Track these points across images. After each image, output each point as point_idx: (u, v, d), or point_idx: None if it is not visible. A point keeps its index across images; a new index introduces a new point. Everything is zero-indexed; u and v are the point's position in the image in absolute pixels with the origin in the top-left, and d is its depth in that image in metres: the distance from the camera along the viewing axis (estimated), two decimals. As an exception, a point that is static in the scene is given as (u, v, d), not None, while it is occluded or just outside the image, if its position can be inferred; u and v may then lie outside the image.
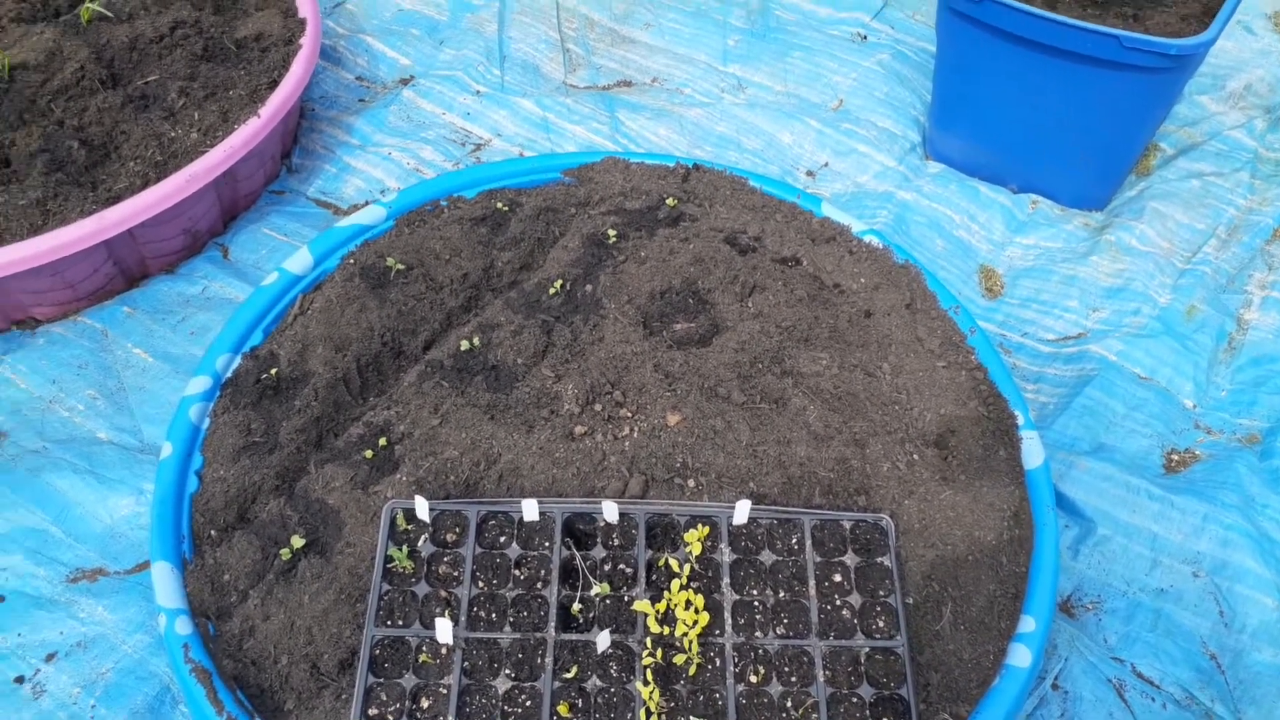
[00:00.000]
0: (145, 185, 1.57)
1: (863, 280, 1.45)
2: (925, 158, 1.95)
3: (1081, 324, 1.63)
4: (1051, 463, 1.34)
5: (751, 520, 1.11)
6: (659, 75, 2.13)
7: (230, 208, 1.77)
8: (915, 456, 1.21)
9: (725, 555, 1.09)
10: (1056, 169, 1.81)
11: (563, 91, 2.07)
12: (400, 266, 1.43)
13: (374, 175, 1.86)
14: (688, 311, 1.40)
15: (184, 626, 1.11)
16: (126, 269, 1.65)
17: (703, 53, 2.17)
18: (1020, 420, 1.30)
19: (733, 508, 1.10)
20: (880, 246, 1.54)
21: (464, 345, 1.34)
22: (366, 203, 1.78)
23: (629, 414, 1.25)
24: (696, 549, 1.06)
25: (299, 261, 1.46)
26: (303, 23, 1.88)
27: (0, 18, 1.76)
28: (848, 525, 1.11)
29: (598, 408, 1.26)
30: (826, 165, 1.92)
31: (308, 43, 1.83)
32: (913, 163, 1.92)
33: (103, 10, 1.77)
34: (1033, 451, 1.26)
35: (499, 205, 1.56)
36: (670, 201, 1.59)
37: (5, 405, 1.47)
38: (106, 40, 1.75)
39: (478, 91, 2.02)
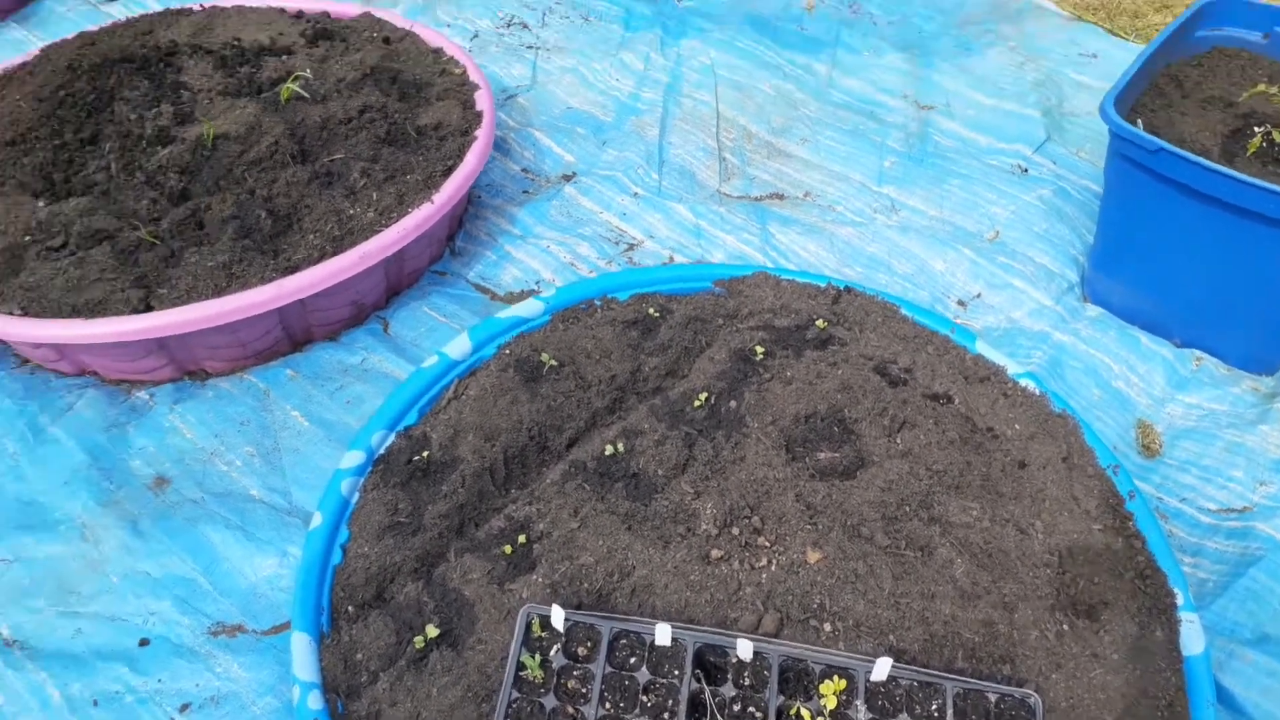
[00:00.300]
0: (322, 258, 1.66)
1: (1018, 427, 1.42)
2: (1083, 299, 1.90)
3: (1247, 497, 1.54)
4: (1211, 650, 1.26)
5: (890, 679, 1.07)
6: (812, 190, 2.15)
7: (395, 284, 1.86)
8: (1065, 627, 1.16)
9: (861, 713, 1.05)
10: (1225, 327, 1.74)
11: (716, 200, 2.11)
12: (553, 363, 1.46)
13: (531, 266, 1.92)
14: (832, 440, 1.38)
15: (315, 701, 1.14)
16: (293, 333, 1.74)
17: (857, 172, 2.19)
18: (1179, 599, 1.23)
19: (872, 662, 1.07)
20: (1036, 392, 1.50)
21: (608, 450, 1.36)
22: (524, 293, 1.84)
23: (767, 543, 1.23)
24: (831, 702, 1.03)
25: (458, 347, 1.52)
26: (479, 115, 1.98)
27: (211, 91, 1.91)
28: (993, 698, 1.06)
29: (735, 532, 1.25)
30: (979, 297, 1.90)
31: (482, 135, 1.93)
32: (1070, 303, 1.88)
33: (301, 91, 1.90)
34: (1192, 637, 1.19)
35: (650, 310, 1.59)
36: (820, 323, 1.59)
37: (172, 452, 1.55)
38: (301, 119, 1.88)
39: (635, 194, 2.08)
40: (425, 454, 1.38)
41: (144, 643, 1.32)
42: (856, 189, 2.15)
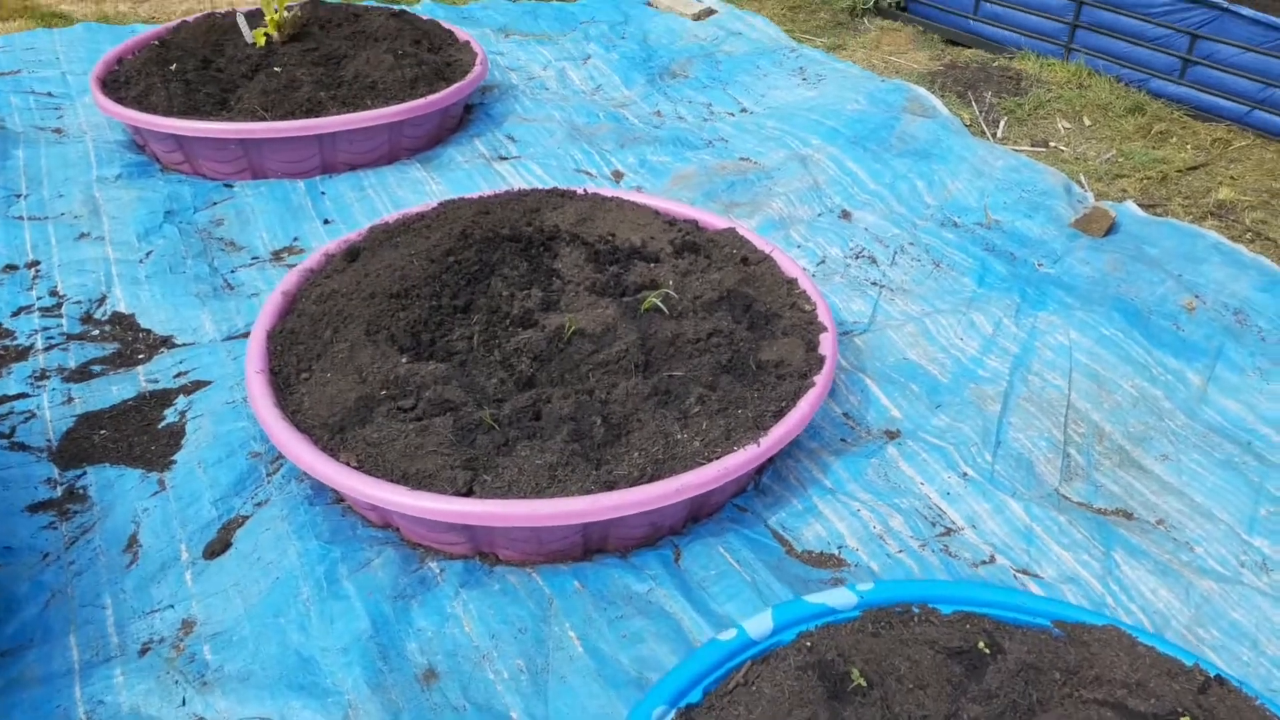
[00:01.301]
0: (641, 478, 1.64)
1: None
2: None
3: None
4: None
5: None
6: (1167, 519, 1.90)
7: (696, 511, 1.80)
8: None
9: None
10: None
11: (1053, 501, 1.91)
12: (861, 682, 1.32)
13: (837, 527, 1.81)
14: None
15: None
16: (589, 541, 1.71)
17: (1225, 511, 1.91)
18: None
19: None
20: None
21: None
22: (824, 556, 1.73)
23: None
24: None
25: (759, 626, 1.41)
26: (821, 361, 1.92)
27: (579, 285, 1.99)
28: None
29: None
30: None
31: (820, 384, 1.86)
32: None
33: (660, 305, 1.93)
34: None
35: (979, 644, 1.41)
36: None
37: (448, 643, 1.54)
38: (654, 331, 1.90)
39: (964, 473, 1.93)
40: (702, 743, 1.27)
41: None
42: (1222, 532, 1.87)
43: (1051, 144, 3.41)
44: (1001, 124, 3.53)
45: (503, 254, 2.06)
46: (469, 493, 1.62)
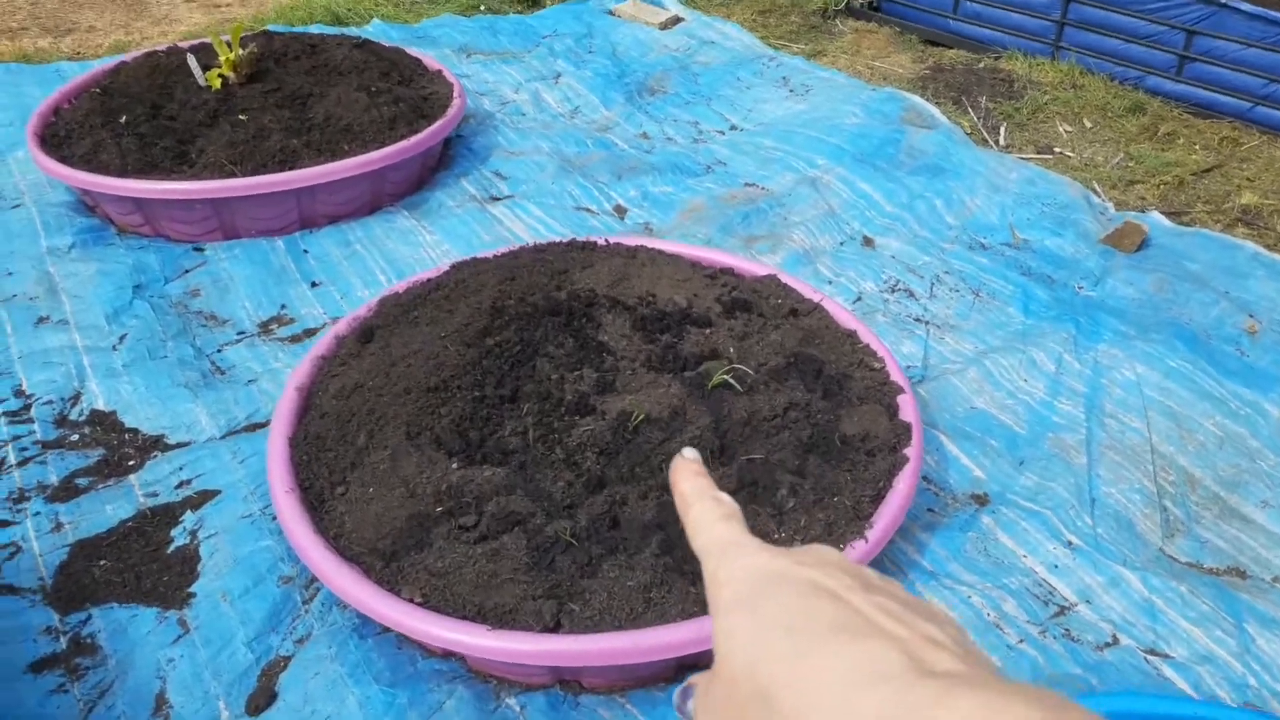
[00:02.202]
0: (745, 593, 1.45)
1: None
2: None
3: None
4: None
5: None
6: (1281, 573, 1.78)
7: (794, 613, 1.62)
8: None
9: None
10: None
11: (1162, 564, 1.78)
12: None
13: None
14: None
15: None
16: (685, 659, 1.53)
17: (1338, 558, 1.81)
18: None
19: None
20: None
21: None
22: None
23: None
24: None
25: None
26: (907, 429, 1.76)
27: (634, 360, 1.79)
28: None
29: None
30: None
31: (913, 456, 1.70)
32: None
33: (730, 381, 1.75)
34: None
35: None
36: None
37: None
38: (727, 410, 1.71)
39: (1069, 542, 1.79)
40: None
41: None
42: (1341, 584, 1.76)
43: (1056, 150, 3.30)
44: (1002, 130, 3.41)
45: (544, 330, 1.84)
46: (557, 626, 1.41)
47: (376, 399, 1.74)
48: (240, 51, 2.81)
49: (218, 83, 2.79)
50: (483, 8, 4.36)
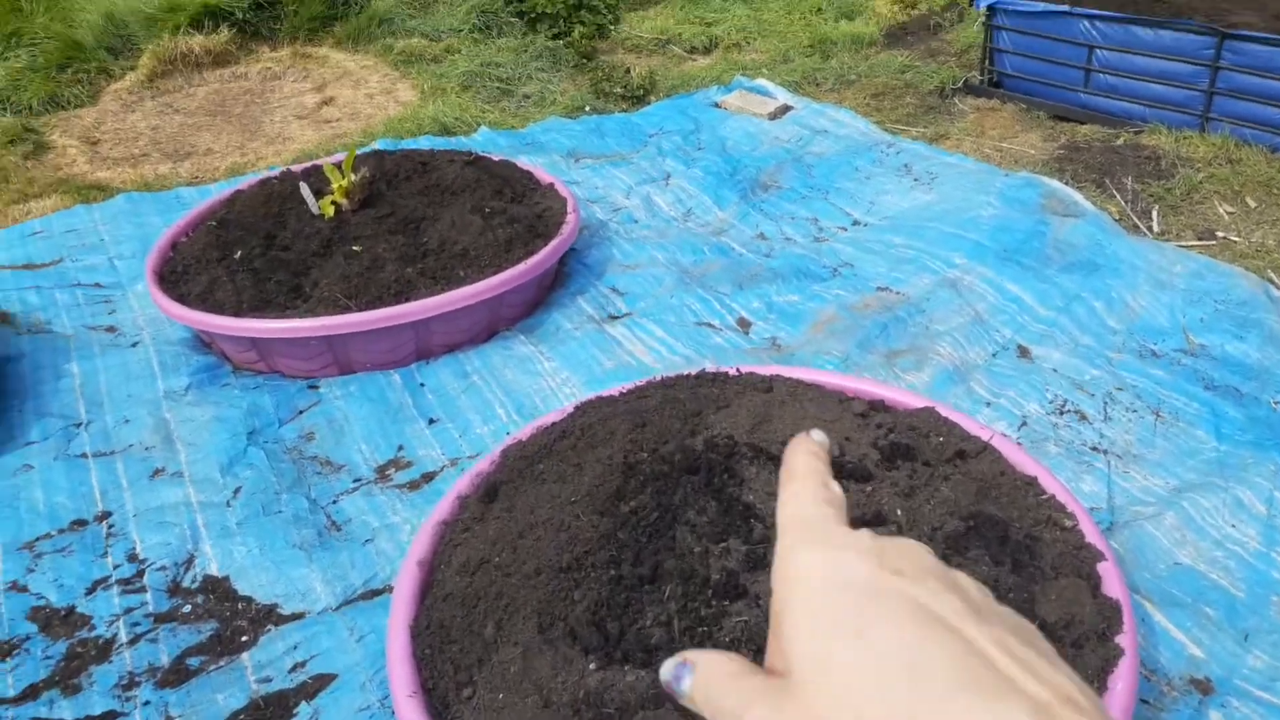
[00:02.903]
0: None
1: None
2: None
3: None
4: None
5: None
6: None
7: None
8: None
9: None
10: None
11: None
12: None
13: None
14: None
15: None
16: None
17: None
18: None
19: None
20: None
21: None
22: None
23: None
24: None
25: None
26: (1116, 610, 1.50)
27: (789, 530, 1.58)
28: None
29: None
30: None
31: (1129, 648, 1.44)
32: None
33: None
34: None
35: None
36: None
37: None
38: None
39: (1325, 743, 1.49)
40: None
41: None
42: None
43: (1219, 234, 3.00)
44: (1155, 215, 3.13)
45: (683, 493, 1.66)
46: None
47: (504, 580, 1.57)
48: (353, 177, 2.76)
49: (330, 210, 2.74)
50: (588, 108, 4.30)
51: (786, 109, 4.15)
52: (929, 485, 1.71)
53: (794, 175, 3.60)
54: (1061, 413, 2.22)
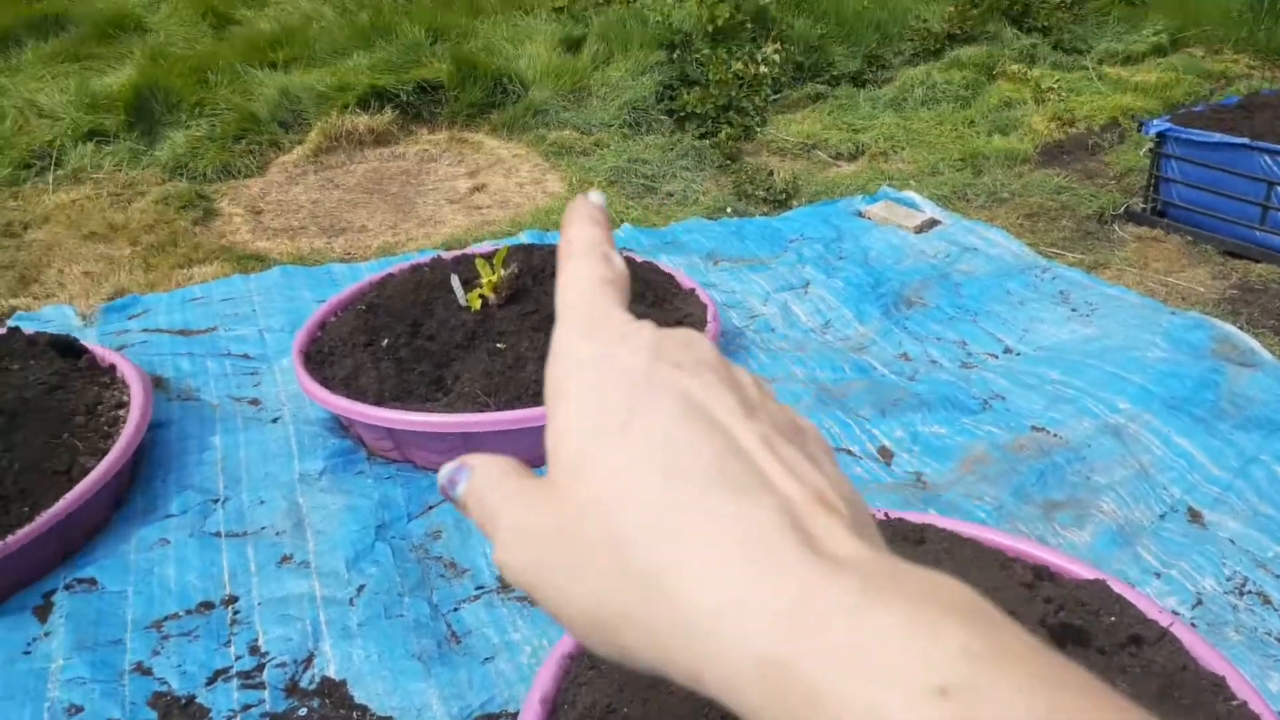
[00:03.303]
0: None
1: None
2: None
3: None
4: None
5: None
6: None
7: None
8: None
9: None
10: None
11: None
12: None
13: None
14: None
15: None
16: None
17: None
18: None
19: None
20: None
21: None
22: None
23: None
24: None
25: None
26: None
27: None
28: None
29: None
30: None
31: None
32: None
33: None
34: None
35: None
36: None
37: None
38: None
39: None
40: None
41: None
42: None
43: None
44: (1345, 370, 2.88)
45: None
46: None
47: (632, 732, 1.48)
48: (502, 272, 2.79)
49: (478, 303, 2.76)
50: (729, 210, 4.30)
51: (934, 223, 4.04)
52: (1104, 678, 1.54)
53: (940, 293, 3.48)
54: (1241, 593, 2.01)
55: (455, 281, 2.83)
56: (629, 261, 3.07)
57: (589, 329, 0.37)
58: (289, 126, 4.97)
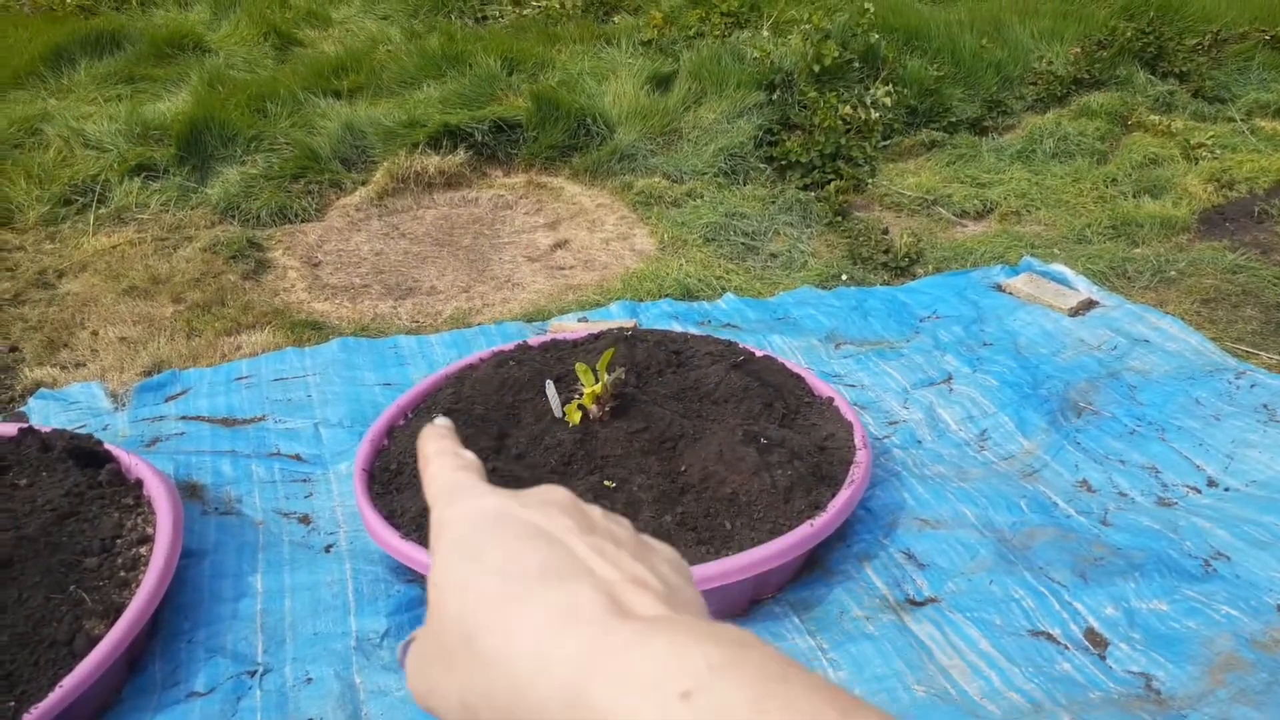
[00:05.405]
0: None
1: None
2: None
3: None
4: None
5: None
6: None
7: None
8: None
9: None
10: None
11: None
12: None
13: None
14: None
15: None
16: None
17: None
18: None
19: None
20: None
21: None
22: None
23: None
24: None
25: None
26: None
27: None
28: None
29: None
30: None
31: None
32: None
33: None
34: None
35: None
36: None
37: None
38: None
39: None
40: None
41: None
42: None
43: None
44: None
45: None
46: None
47: None
48: (606, 378, 2.28)
49: (576, 417, 2.26)
50: (844, 277, 3.76)
51: (1091, 304, 3.47)
52: None
53: (1113, 398, 2.91)
54: None
55: (551, 390, 2.32)
56: (747, 356, 2.54)
57: (454, 499, 0.43)
58: (352, 164, 4.53)
